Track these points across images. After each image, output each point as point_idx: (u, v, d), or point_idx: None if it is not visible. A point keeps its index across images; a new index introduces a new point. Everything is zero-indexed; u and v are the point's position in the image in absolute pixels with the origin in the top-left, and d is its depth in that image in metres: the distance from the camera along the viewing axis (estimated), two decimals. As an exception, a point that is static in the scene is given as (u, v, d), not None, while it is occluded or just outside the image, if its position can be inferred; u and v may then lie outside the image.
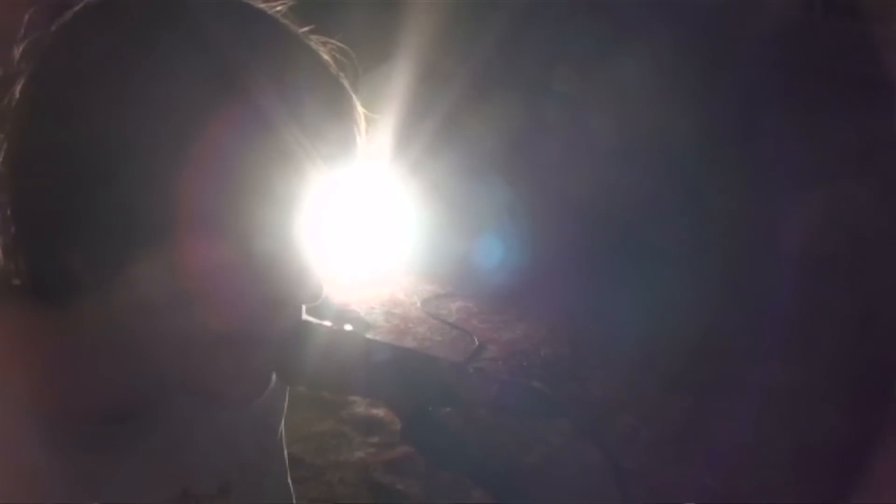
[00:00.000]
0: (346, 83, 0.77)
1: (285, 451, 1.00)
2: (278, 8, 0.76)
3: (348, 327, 0.84)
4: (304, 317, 0.81)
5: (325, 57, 0.76)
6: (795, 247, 4.32)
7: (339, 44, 0.78)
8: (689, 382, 3.81)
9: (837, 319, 4.05)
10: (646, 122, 4.84)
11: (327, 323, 0.83)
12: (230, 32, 0.72)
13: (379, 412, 3.44)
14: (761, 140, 4.92)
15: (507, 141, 4.95)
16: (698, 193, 4.74)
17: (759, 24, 5.10)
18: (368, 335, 0.85)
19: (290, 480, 1.01)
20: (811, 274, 4.26)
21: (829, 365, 3.77)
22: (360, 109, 0.77)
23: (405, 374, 0.82)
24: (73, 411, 0.78)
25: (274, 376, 0.81)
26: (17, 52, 0.74)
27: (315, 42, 0.77)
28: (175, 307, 0.73)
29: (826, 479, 3.14)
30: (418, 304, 4.50)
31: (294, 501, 1.02)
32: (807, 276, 4.22)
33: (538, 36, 5.25)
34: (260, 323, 0.77)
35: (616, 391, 3.77)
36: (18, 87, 0.73)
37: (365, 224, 4.21)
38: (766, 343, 3.84)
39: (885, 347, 3.69)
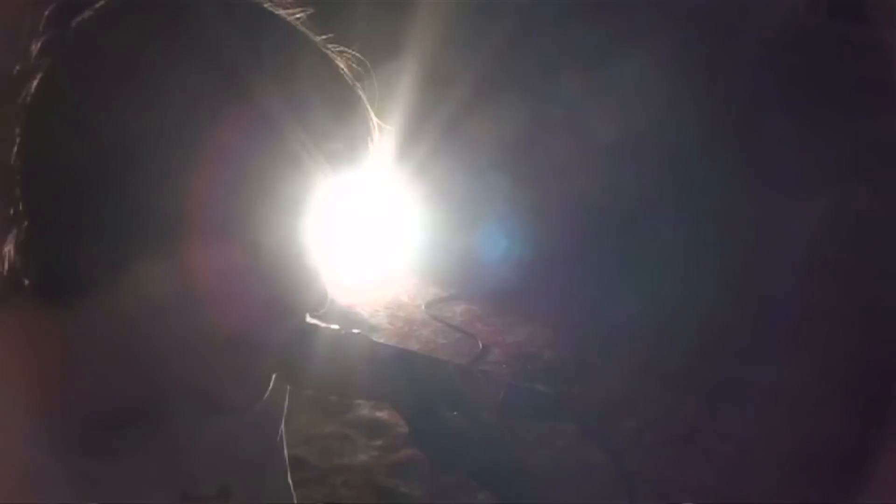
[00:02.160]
0: (357, 88, 0.77)
1: (286, 452, 1.00)
2: (298, 15, 0.77)
3: (356, 331, 0.84)
4: (311, 320, 0.81)
5: (338, 62, 0.77)
6: (799, 248, 4.32)
7: (356, 54, 0.78)
8: (692, 384, 3.81)
9: (840, 321, 4.05)
10: (651, 124, 4.84)
11: (335, 326, 0.83)
12: (240, 36, 0.72)
13: (383, 415, 3.44)
14: (765, 142, 4.92)
15: (511, 143, 4.95)
16: (703, 196, 4.74)
17: (764, 26, 5.11)
18: (373, 338, 0.85)
19: (290, 482, 1.01)
20: (814, 275, 4.26)
21: (832, 367, 3.76)
22: (371, 114, 0.78)
23: (410, 377, 0.82)
24: (76, 414, 0.78)
25: (273, 379, 0.81)
26: (35, 47, 0.74)
27: (332, 51, 0.77)
28: (179, 310, 0.74)
29: (828, 480, 3.14)
30: (422, 307, 4.49)
31: (295, 503, 1.02)
32: (809, 278, 4.22)
33: (542, 38, 5.25)
34: (264, 327, 0.77)
35: (619, 393, 3.77)
36: (35, 84, 0.73)
37: (368, 226, 4.20)
38: (769, 345, 3.84)
39: (887, 349, 3.68)
